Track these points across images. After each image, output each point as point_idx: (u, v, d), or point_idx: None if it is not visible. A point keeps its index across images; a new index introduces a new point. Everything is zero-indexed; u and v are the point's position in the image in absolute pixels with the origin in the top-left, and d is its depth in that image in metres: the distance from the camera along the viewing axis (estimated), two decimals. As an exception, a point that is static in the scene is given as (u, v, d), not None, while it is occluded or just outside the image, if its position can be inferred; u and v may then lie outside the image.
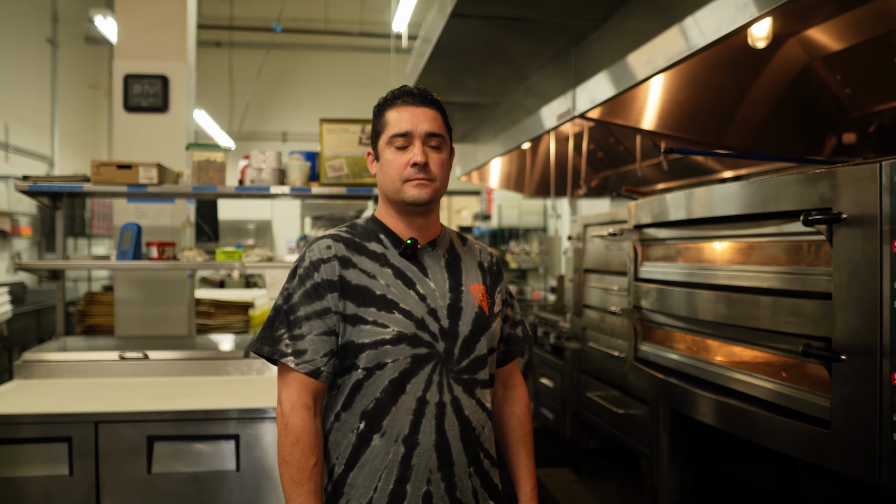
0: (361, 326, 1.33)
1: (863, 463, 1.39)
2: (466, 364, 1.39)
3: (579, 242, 3.97)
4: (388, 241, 1.42)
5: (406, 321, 1.34)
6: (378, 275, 1.36)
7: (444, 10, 3.08)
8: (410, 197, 1.36)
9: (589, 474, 4.11)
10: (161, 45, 3.64)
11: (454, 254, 1.48)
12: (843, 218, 1.41)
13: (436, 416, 1.34)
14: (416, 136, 1.36)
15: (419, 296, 1.37)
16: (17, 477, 2.28)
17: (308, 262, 1.37)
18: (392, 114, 1.39)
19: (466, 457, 1.38)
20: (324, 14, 10.11)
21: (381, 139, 1.40)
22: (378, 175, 1.43)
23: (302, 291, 1.36)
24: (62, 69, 8.32)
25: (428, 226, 1.44)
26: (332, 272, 1.35)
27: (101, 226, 7.96)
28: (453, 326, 1.38)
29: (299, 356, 1.32)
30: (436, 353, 1.36)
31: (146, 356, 2.87)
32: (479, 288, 1.45)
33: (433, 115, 1.40)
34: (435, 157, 1.38)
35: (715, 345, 2.14)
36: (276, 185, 3.02)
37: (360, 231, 1.43)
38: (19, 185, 2.92)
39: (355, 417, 1.35)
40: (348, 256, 1.37)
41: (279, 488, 2.40)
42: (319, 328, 1.33)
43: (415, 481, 1.33)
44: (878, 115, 2.69)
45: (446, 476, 1.35)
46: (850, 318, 1.41)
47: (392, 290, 1.35)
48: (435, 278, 1.41)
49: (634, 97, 3.05)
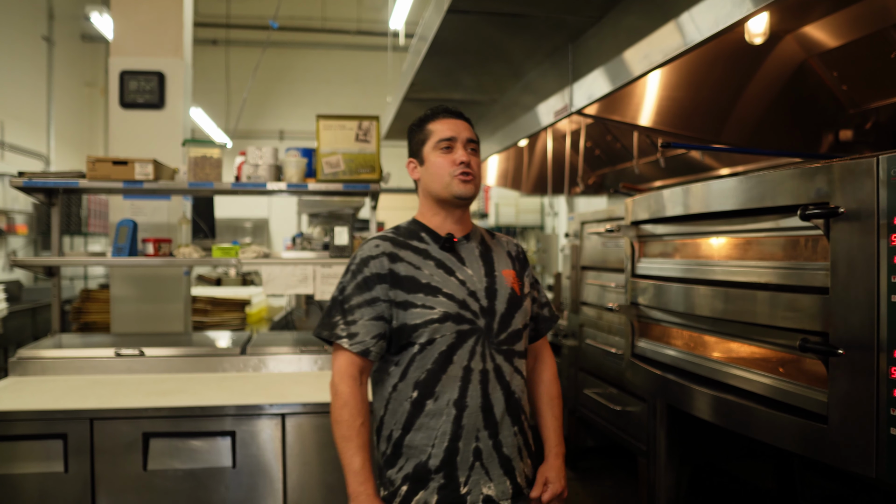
0: (412, 310, 1.56)
1: (860, 457, 1.39)
2: (504, 337, 1.62)
3: (576, 240, 3.97)
4: (429, 238, 1.66)
5: (449, 302, 1.57)
6: (422, 266, 1.61)
7: (441, 7, 3.07)
8: (459, 191, 1.61)
9: (586, 472, 4.11)
10: (157, 41, 3.63)
11: (486, 245, 1.72)
12: (840, 212, 1.41)
13: (480, 382, 1.57)
14: (459, 140, 1.64)
15: (459, 281, 1.61)
16: (12, 474, 2.27)
17: (359, 259, 1.62)
18: (435, 125, 1.66)
19: (510, 417, 1.61)
20: (321, 12, 10.09)
21: (427, 146, 1.65)
22: (423, 177, 1.67)
23: (354, 284, 1.60)
24: (58, 66, 8.29)
25: (463, 220, 1.69)
26: (381, 266, 1.59)
27: (98, 224, 7.93)
28: (491, 305, 1.62)
29: (352, 338, 1.56)
30: (477, 328, 1.59)
31: (142, 353, 2.86)
32: (510, 273, 1.70)
33: (469, 126, 1.68)
34: (473, 158, 1.65)
35: (712, 341, 2.13)
36: (272, 182, 3.01)
37: (403, 232, 1.68)
38: (14, 182, 2.90)
39: (409, 387, 1.58)
40: (395, 252, 1.61)
41: (275, 485, 2.40)
42: (369, 314, 1.57)
43: (465, 439, 1.55)
44: (875, 111, 2.69)
45: (493, 434, 1.58)
46: (847, 312, 1.41)
47: (435, 278, 1.59)
48: (472, 266, 1.65)
49: (631, 94, 3.05)
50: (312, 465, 2.42)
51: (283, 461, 2.40)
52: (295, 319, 4.45)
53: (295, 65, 10.57)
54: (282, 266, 3.02)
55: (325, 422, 2.43)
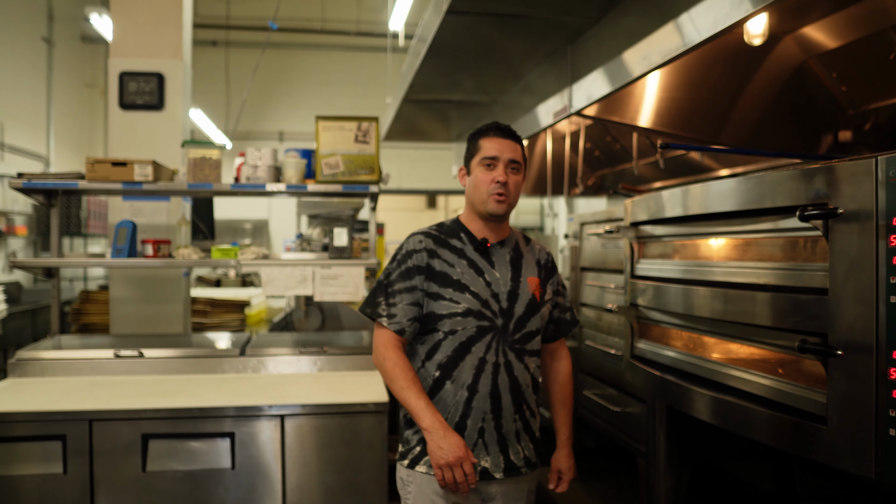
0: (441, 301, 1.78)
1: (859, 458, 1.39)
2: (519, 337, 1.83)
3: (576, 241, 3.97)
4: (467, 239, 1.86)
5: (474, 300, 1.78)
6: (456, 264, 1.81)
7: (440, 8, 3.07)
8: (492, 209, 1.81)
9: (585, 473, 4.10)
10: (157, 42, 3.63)
11: (518, 252, 1.91)
12: (840, 213, 1.41)
13: (492, 373, 1.79)
14: (502, 160, 1.80)
15: (486, 282, 1.81)
16: (11, 475, 2.27)
17: (405, 250, 1.83)
18: (485, 142, 1.83)
19: (513, 405, 1.81)
20: (320, 13, 10.10)
21: (474, 160, 1.84)
22: (468, 187, 1.86)
23: (398, 272, 1.81)
24: (58, 68, 8.29)
25: (499, 229, 1.88)
26: (421, 260, 1.80)
27: (97, 225, 7.93)
28: (510, 308, 1.82)
29: (391, 318, 1.79)
30: (495, 326, 1.80)
31: (141, 354, 2.86)
32: (534, 280, 1.88)
33: (515, 146, 1.83)
34: (513, 178, 1.82)
35: (711, 342, 2.13)
36: (271, 183, 3.01)
37: (446, 230, 1.88)
38: (14, 183, 2.90)
39: (433, 367, 1.81)
40: (434, 249, 1.82)
41: (274, 486, 2.39)
42: (408, 300, 1.79)
43: (473, 419, 1.78)
44: (874, 112, 2.69)
45: (496, 417, 1.79)
46: (846, 313, 1.41)
47: (465, 277, 1.80)
48: (500, 270, 1.84)
49: (631, 94, 3.05)
50: (311, 466, 2.41)
51: (282, 462, 2.39)
52: (294, 321, 4.44)
53: (294, 66, 10.57)
54: (281, 267, 3.02)
55: (324, 423, 2.43)
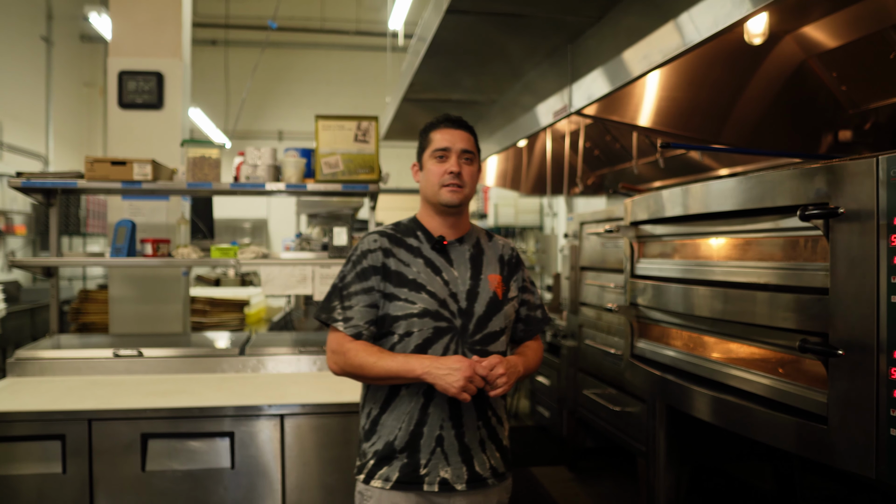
0: (396, 302, 1.70)
1: (860, 458, 1.39)
2: (479, 338, 1.73)
3: (575, 240, 3.97)
4: (423, 237, 1.77)
5: (430, 300, 1.69)
6: (412, 263, 1.73)
7: (440, 7, 3.07)
8: (445, 200, 1.73)
9: (585, 472, 4.11)
10: (156, 41, 3.62)
11: (479, 248, 1.82)
12: (840, 213, 1.41)
13: None
14: (454, 151, 1.74)
15: (444, 281, 1.73)
16: (10, 475, 2.27)
17: (360, 251, 1.76)
18: (436, 134, 1.77)
19: (476, 411, 1.71)
20: (320, 12, 10.09)
21: (426, 153, 1.77)
22: (421, 182, 1.79)
23: (353, 273, 1.73)
24: (57, 67, 8.28)
25: (458, 224, 1.79)
26: (376, 259, 1.72)
27: (96, 224, 7.93)
28: (470, 307, 1.73)
29: (347, 322, 1.70)
30: (453, 327, 1.71)
31: (140, 353, 2.86)
32: (495, 277, 1.79)
33: (467, 136, 1.78)
34: (467, 168, 1.75)
35: (712, 341, 2.13)
36: (271, 182, 3.01)
37: (402, 228, 1.80)
38: (13, 182, 2.90)
39: None
40: (390, 248, 1.74)
41: (274, 486, 2.39)
42: (364, 301, 1.71)
43: (430, 426, 1.68)
44: (874, 112, 2.69)
45: (456, 425, 1.69)
46: (847, 313, 1.40)
47: (422, 276, 1.71)
48: (459, 268, 1.76)
49: (631, 94, 3.04)
50: (311, 465, 2.41)
51: (281, 462, 2.39)
52: (294, 320, 4.44)
53: (294, 65, 10.56)
54: (281, 267, 3.01)
55: (324, 422, 2.43)
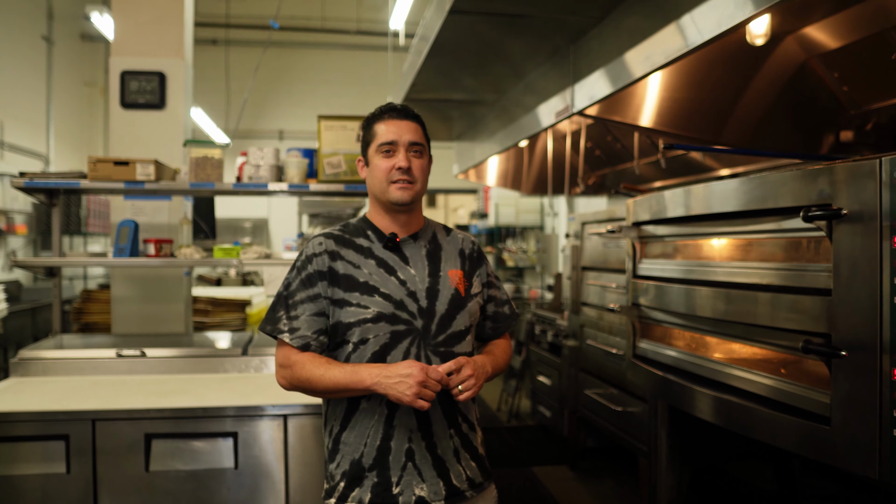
0: (347, 308, 1.57)
1: (862, 459, 1.39)
2: (443, 338, 1.60)
3: (577, 240, 3.97)
4: (374, 237, 1.65)
5: (385, 303, 1.56)
6: (362, 265, 1.60)
7: (443, 7, 3.07)
8: (395, 198, 1.60)
9: (587, 472, 4.11)
10: (158, 41, 3.62)
11: (436, 244, 1.70)
12: (843, 214, 1.41)
13: None
14: (401, 144, 1.60)
15: (399, 281, 1.59)
16: (14, 475, 2.27)
17: (304, 256, 1.62)
18: (380, 126, 1.63)
19: (445, 419, 1.59)
20: (321, 12, 10.08)
21: (371, 148, 1.64)
22: (368, 179, 1.67)
23: (298, 281, 1.60)
24: (58, 66, 8.28)
25: (410, 221, 1.67)
26: (322, 264, 1.59)
27: (98, 224, 7.93)
28: (431, 306, 1.60)
29: (293, 332, 1.57)
30: (414, 329, 1.57)
31: (143, 354, 2.86)
32: (456, 273, 1.67)
33: (415, 127, 1.64)
34: (416, 162, 1.62)
35: (714, 341, 2.13)
36: (273, 182, 3.01)
37: (350, 229, 1.68)
38: (15, 182, 2.90)
39: None
40: (336, 251, 1.61)
41: (278, 486, 2.40)
42: (311, 310, 1.58)
43: (398, 438, 1.55)
44: (876, 112, 2.70)
45: (426, 435, 1.56)
46: (850, 314, 1.41)
47: (374, 278, 1.59)
48: (415, 266, 1.63)
49: (632, 94, 3.05)
50: (314, 465, 2.42)
51: (285, 462, 2.40)
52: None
53: (295, 65, 10.56)
54: (283, 266, 3.01)
55: (326, 422, 2.43)
